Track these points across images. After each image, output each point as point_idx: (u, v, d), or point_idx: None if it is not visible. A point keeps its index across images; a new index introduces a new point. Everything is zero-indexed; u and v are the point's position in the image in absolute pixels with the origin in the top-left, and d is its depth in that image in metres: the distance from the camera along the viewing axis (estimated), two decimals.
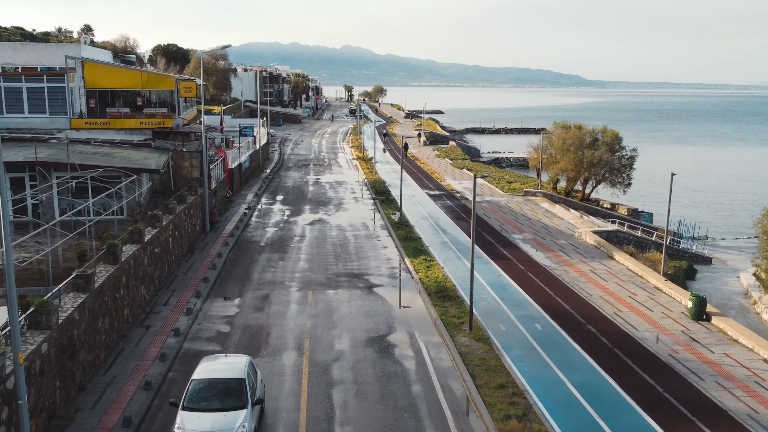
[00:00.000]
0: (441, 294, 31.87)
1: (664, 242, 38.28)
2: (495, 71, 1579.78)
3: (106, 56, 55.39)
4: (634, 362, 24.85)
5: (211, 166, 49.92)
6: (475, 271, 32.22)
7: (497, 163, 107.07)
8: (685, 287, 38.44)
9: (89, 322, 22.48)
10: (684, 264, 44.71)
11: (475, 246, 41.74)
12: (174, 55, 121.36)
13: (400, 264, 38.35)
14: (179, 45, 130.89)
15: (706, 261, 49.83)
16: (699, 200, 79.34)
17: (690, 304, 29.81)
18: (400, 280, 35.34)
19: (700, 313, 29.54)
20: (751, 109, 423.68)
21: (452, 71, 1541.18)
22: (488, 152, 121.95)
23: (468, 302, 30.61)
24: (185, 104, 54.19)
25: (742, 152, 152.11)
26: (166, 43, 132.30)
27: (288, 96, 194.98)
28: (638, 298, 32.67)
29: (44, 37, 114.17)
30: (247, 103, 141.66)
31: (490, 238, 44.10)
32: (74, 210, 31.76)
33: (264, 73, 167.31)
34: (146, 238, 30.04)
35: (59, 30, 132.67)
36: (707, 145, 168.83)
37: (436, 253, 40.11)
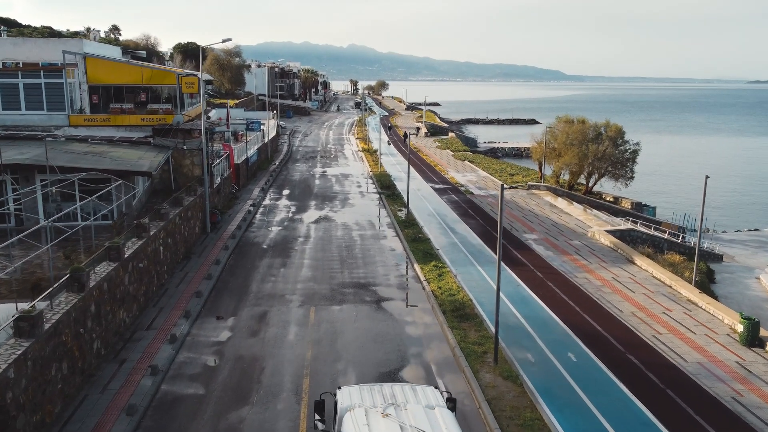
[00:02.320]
0: (457, 312, 25.20)
1: (696, 250, 31.30)
2: (485, 67, 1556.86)
3: (113, 52, 48.29)
4: (695, 411, 18.31)
5: (216, 162, 43.18)
6: (491, 281, 26.16)
7: (493, 152, 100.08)
8: (713, 296, 31.87)
9: (35, 376, 15.98)
10: (703, 266, 37.99)
11: (488, 250, 35.09)
12: (193, 53, 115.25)
13: (409, 271, 31.74)
14: (198, 43, 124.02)
15: (717, 258, 43.13)
16: (694, 192, 72.34)
17: (741, 327, 23.25)
18: (411, 292, 28.69)
19: (752, 338, 22.96)
20: (716, 101, 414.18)
21: (447, 67, 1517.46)
22: (484, 142, 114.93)
23: (488, 322, 24.28)
24: (191, 100, 47.31)
25: (720, 142, 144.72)
26: (185, 42, 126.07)
27: (298, 90, 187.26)
28: (674, 315, 26.05)
29: (72, 36, 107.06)
30: (260, 97, 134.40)
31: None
32: (55, 216, 25.35)
33: (276, 69, 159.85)
34: (127, 254, 23.44)
35: (88, 29, 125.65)
36: (686, 134, 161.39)
37: (447, 258, 33.43)
